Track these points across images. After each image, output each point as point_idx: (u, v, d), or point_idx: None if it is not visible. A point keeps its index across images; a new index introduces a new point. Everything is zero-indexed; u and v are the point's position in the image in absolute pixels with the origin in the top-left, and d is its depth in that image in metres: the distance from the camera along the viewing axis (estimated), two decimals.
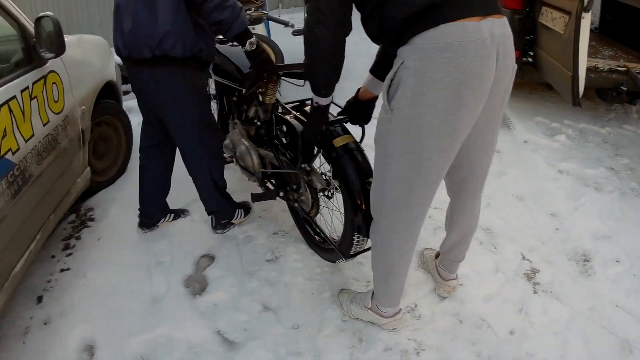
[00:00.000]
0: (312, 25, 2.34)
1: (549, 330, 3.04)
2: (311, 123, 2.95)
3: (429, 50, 2.09)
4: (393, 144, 2.32)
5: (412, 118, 2.21)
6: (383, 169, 2.45)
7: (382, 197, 2.54)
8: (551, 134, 5.48)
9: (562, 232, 3.88)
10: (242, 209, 4.21)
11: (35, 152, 3.25)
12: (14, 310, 3.45)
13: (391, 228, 2.61)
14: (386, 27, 2.24)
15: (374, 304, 3.00)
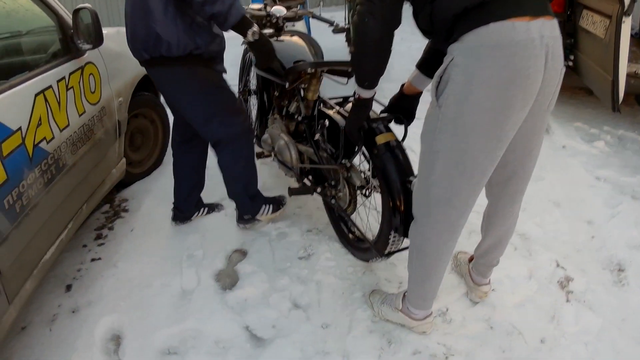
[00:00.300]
0: (362, 14, 2.33)
1: (580, 340, 2.99)
2: (353, 116, 2.93)
3: (479, 49, 2.09)
4: (440, 141, 2.31)
5: (459, 116, 2.20)
6: (429, 166, 2.42)
7: (425, 196, 2.52)
8: (590, 139, 5.41)
9: (598, 240, 3.81)
10: (271, 204, 4.09)
11: (70, 142, 3.28)
12: (42, 297, 3.49)
13: (433, 228, 2.58)
14: (436, 22, 2.24)
15: (405, 306, 2.98)
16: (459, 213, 2.52)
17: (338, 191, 3.63)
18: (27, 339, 3.18)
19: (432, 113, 2.31)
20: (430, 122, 2.34)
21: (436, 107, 2.26)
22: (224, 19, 3.08)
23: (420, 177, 2.53)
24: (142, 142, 5.07)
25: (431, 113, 2.32)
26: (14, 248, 2.68)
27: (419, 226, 2.65)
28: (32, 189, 2.84)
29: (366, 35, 2.40)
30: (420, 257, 2.72)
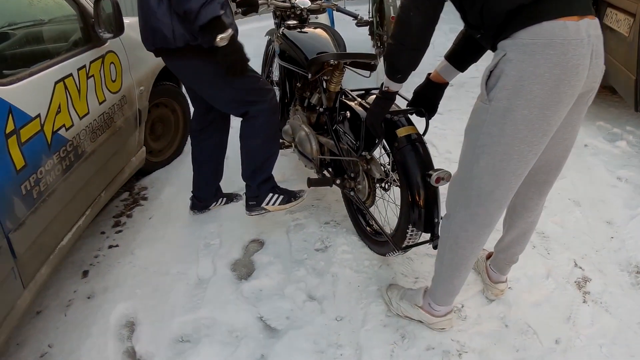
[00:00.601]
0: (408, 8, 2.34)
1: (595, 342, 2.96)
2: (377, 108, 2.91)
3: (533, 46, 2.11)
4: (487, 134, 2.31)
5: (509, 110, 2.21)
6: (472, 159, 2.41)
7: (465, 189, 2.51)
8: (612, 139, 5.36)
9: (617, 241, 3.78)
10: (282, 195, 3.85)
11: (90, 130, 3.30)
12: (58, 283, 3.52)
13: (471, 221, 2.57)
14: (487, 18, 2.24)
15: (427, 302, 2.96)
16: (498, 205, 2.52)
17: (357, 183, 3.62)
18: (42, 324, 3.20)
19: (481, 107, 2.31)
20: (477, 116, 2.34)
21: (486, 100, 2.27)
22: (194, 18, 2.96)
23: (462, 170, 2.52)
24: (163, 131, 5.09)
25: (479, 107, 2.32)
26: (31, 233, 2.70)
27: (456, 220, 2.63)
28: (50, 175, 2.86)
29: (410, 29, 2.41)
30: (453, 252, 2.70)
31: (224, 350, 2.98)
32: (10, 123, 2.54)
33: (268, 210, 3.82)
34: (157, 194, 4.58)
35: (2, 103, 2.51)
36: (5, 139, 2.50)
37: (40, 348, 3.04)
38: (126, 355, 3.00)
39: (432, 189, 2.99)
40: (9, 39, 3.17)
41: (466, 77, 3.92)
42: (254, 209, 3.82)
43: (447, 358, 2.88)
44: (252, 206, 3.83)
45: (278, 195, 3.83)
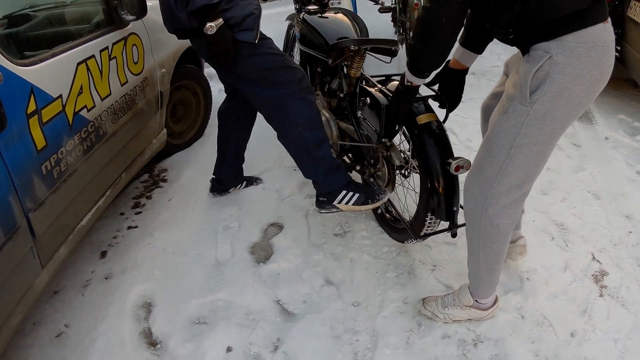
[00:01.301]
0: (434, 13, 2.30)
1: (610, 337, 2.95)
2: (400, 102, 2.86)
3: (578, 49, 2.15)
4: (526, 135, 2.32)
5: (551, 111, 2.25)
6: (505, 160, 2.42)
7: (493, 187, 2.51)
8: (633, 133, 5.31)
9: (635, 236, 3.75)
10: (358, 193, 3.45)
11: (111, 111, 3.32)
12: (76, 263, 3.55)
13: (501, 214, 2.58)
14: (526, 21, 2.23)
15: (474, 299, 2.96)
16: (525, 195, 2.59)
17: (377, 170, 3.62)
18: (59, 304, 3.23)
19: (520, 109, 2.30)
20: (515, 117, 2.33)
21: (527, 103, 2.27)
22: (186, 2, 2.95)
23: (488, 169, 2.50)
24: (184, 114, 5.10)
25: (518, 109, 2.31)
26: (50, 213, 2.72)
27: (485, 218, 2.62)
28: (70, 155, 2.88)
29: (437, 34, 2.37)
30: (487, 248, 2.71)
31: (240, 333, 3.00)
32: (32, 103, 2.56)
33: (340, 209, 3.48)
34: (177, 176, 4.60)
35: (24, 83, 2.53)
36: (27, 119, 2.52)
37: (57, 328, 3.07)
38: (142, 336, 3.02)
39: (451, 177, 2.98)
40: (31, 21, 3.18)
41: (488, 66, 3.94)
42: (325, 206, 3.53)
43: (462, 347, 2.89)
44: (322, 202, 3.54)
45: (353, 192, 3.46)
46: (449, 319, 3.01)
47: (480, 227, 2.65)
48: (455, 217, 3.05)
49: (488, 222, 2.61)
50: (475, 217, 2.64)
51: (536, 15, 2.17)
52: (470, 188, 2.63)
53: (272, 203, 4.12)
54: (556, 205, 4.06)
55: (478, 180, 2.56)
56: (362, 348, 2.91)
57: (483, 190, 2.54)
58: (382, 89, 3.38)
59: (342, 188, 3.46)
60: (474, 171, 2.59)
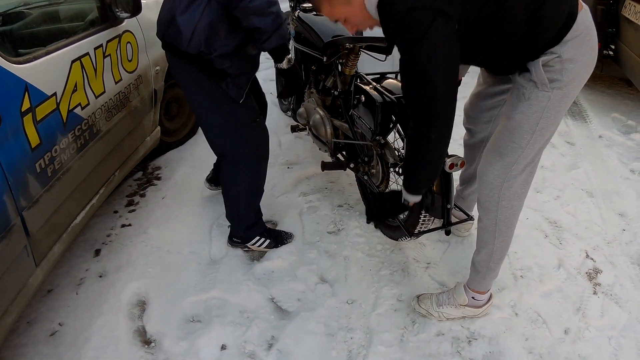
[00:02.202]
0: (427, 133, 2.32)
1: (603, 334, 2.97)
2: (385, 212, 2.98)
3: (577, 40, 2.29)
4: (546, 119, 2.41)
5: (566, 95, 2.39)
6: (525, 145, 2.47)
7: (511, 171, 2.55)
8: (627, 131, 5.33)
9: (629, 234, 3.78)
10: (269, 239, 3.67)
11: (105, 109, 3.32)
12: (70, 261, 3.55)
13: (517, 194, 2.64)
14: (526, 52, 2.33)
15: (470, 297, 2.98)
16: (534, 170, 2.64)
17: (371, 168, 3.60)
18: (53, 302, 3.23)
19: (542, 95, 2.37)
20: (538, 103, 2.39)
21: (547, 90, 2.35)
22: (266, 38, 2.82)
23: (511, 154, 2.52)
24: (178, 112, 5.09)
25: (540, 95, 2.37)
26: (44, 211, 2.71)
27: (503, 200, 2.64)
28: (64, 153, 2.87)
29: (436, 149, 2.41)
30: (504, 231, 2.75)
31: (235, 331, 3.00)
32: (27, 101, 2.55)
33: (251, 249, 3.67)
34: (171, 174, 4.59)
35: (19, 81, 2.52)
36: (21, 117, 2.51)
37: (51, 326, 3.06)
38: (137, 334, 3.02)
39: (445, 175, 2.93)
40: (25, 18, 3.18)
41: None
42: (237, 244, 3.69)
43: (456, 344, 2.90)
44: (235, 242, 3.69)
45: (265, 239, 3.67)
46: (443, 317, 3.02)
47: (497, 212, 2.68)
48: (450, 215, 3.02)
49: (506, 205, 2.65)
50: (492, 203, 2.67)
51: (538, 42, 2.28)
52: (485, 176, 2.65)
53: (266, 201, 4.09)
54: (550, 203, 4.08)
55: (495, 167, 2.58)
56: (357, 345, 2.91)
57: (500, 175, 2.58)
58: (377, 86, 3.35)
59: (257, 235, 3.64)
60: (491, 160, 2.60)
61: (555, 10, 2.21)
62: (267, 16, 2.73)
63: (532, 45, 2.27)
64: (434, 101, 2.21)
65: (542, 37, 2.25)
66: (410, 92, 2.28)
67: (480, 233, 2.83)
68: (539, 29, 2.22)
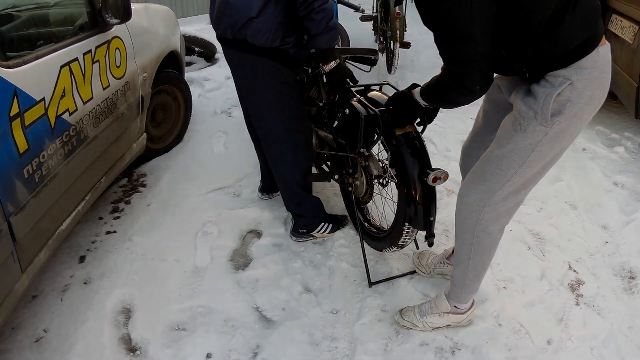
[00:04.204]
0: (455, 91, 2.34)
1: (586, 345, 3.00)
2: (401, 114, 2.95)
3: (594, 72, 2.22)
4: (539, 152, 2.37)
5: (565, 130, 2.32)
6: (512, 174, 2.44)
7: (494, 197, 2.53)
8: (610, 144, 5.38)
9: (611, 246, 3.81)
10: (331, 224, 3.90)
11: (93, 115, 3.31)
12: (55, 267, 3.54)
13: (496, 221, 2.62)
14: (540, 60, 2.25)
15: (452, 305, 2.99)
16: (519, 203, 2.63)
17: (355, 179, 3.60)
18: (38, 308, 3.22)
19: (539, 129, 2.31)
20: (533, 136, 2.34)
21: (546, 124, 2.29)
22: (310, 38, 3.09)
23: (495, 181, 2.51)
24: (164, 119, 5.09)
25: (537, 129, 2.32)
26: (31, 217, 2.71)
27: (480, 226, 2.64)
28: (52, 159, 2.86)
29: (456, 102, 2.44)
30: (479, 253, 2.74)
31: (219, 339, 3.00)
32: (15, 106, 2.54)
33: (315, 237, 3.86)
34: (156, 181, 4.59)
35: (8, 85, 2.51)
36: (10, 122, 2.50)
37: (36, 332, 3.05)
38: (122, 342, 3.02)
39: (429, 187, 2.99)
40: (14, 21, 3.17)
41: None
42: (304, 236, 3.85)
43: (440, 354, 2.91)
44: (301, 233, 3.85)
45: (328, 224, 3.87)
46: (428, 327, 3.02)
47: (473, 234, 2.67)
48: (433, 227, 3.05)
49: (482, 230, 2.64)
50: (469, 225, 2.67)
51: (550, 52, 2.20)
52: (466, 197, 2.64)
53: (250, 210, 4.13)
54: (533, 215, 4.11)
55: (477, 190, 2.57)
56: (341, 355, 2.92)
57: (482, 199, 2.56)
58: (361, 99, 3.34)
59: (322, 221, 3.85)
60: (474, 182, 2.59)
61: (577, 24, 2.16)
62: (311, 21, 3.01)
63: (544, 50, 2.20)
64: (473, 61, 2.20)
65: (556, 46, 2.18)
66: (448, 48, 2.27)
67: (457, 250, 2.84)
68: (557, 34, 2.17)
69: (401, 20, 6.63)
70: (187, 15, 10.31)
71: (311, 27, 3.01)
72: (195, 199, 4.31)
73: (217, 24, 3.27)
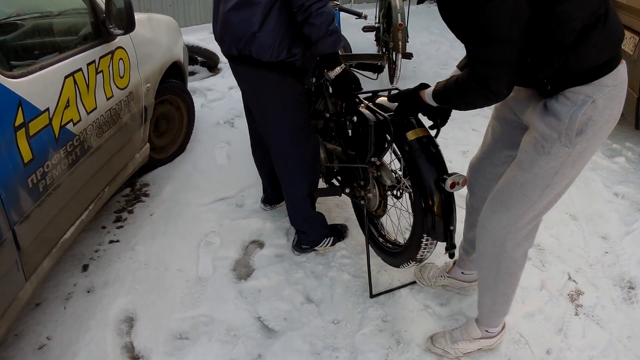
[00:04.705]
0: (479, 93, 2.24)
1: (585, 355, 3.01)
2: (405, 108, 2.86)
3: (614, 90, 2.19)
4: (563, 174, 2.34)
5: (586, 150, 2.28)
6: (537, 198, 2.41)
7: (519, 222, 2.49)
8: (611, 155, 5.39)
9: (611, 256, 3.82)
10: (333, 237, 3.86)
11: (96, 125, 3.34)
12: (58, 276, 3.55)
13: (520, 246, 2.58)
14: (565, 73, 2.21)
15: (483, 330, 2.95)
16: (539, 223, 2.58)
17: (367, 192, 3.45)
18: (41, 316, 3.24)
19: (563, 150, 2.27)
20: (557, 158, 2.30)
21: (570, 145, 2.25)
22: (312, 44, 2.99)
23: (519, 207, 2.47)
24: (167, 129, 5.11)
25: (561, 150, 2.28)
26: (35, 226, 2.73)
27: (504, 252, 2.60)
28: (56, 169, 2.89)
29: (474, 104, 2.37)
30: (506, 280, 2.70)
31: (221, 349, 3.02)
32: (20, 116, 2.57)
33: (318, 251, 3.84)
34: (159, 191, 4.61)
35: (13, 96, 2.54)
36: (15, 132, 2.53)
37: (39, 340, 3.07)
38: (124, 350, 3.04)
39: (447, 194, 2.83)
40: (18, 30, 3.20)
41: None
42: (306, 251, 3.83)
43: None
44: (304, 249, 3.82)
45: (330, 237, 3.84)
46: (460, 353, 2.98)
47: (499, 263, 2.63)
48: (453, 237, 2.90)
49: (507, 257, 2.60)
50: (494, 253, 2.62)
51: (576, 67, 2.17)
52: (489, 227, 2.59)
53: (253, 220, 4.14)
54: None
55: (500, 219, 2.53)
56: None
57: (505, 227, 2.52)
58: (370, 105, 3.21)
59: (325, 236, 3.82)
60: (496, 211, 2.55)
61: (603, 42, 2.14)
62: (310, 26, 2.90)
63: (571, 64, 2.15)
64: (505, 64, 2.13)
65: (583, 61, 2.15)
66: (480, 48, 2.14)
67: (482, 278, 2.79)
68: (584, 49, 2.13)
69: (403, 31, 6.64)
70: (189, 25, 10.32)
71: (311, 32, 2.91)
72: (198, 209, 4.33)
73: (221, 41, 3.24)
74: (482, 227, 2.64)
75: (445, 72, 7.64)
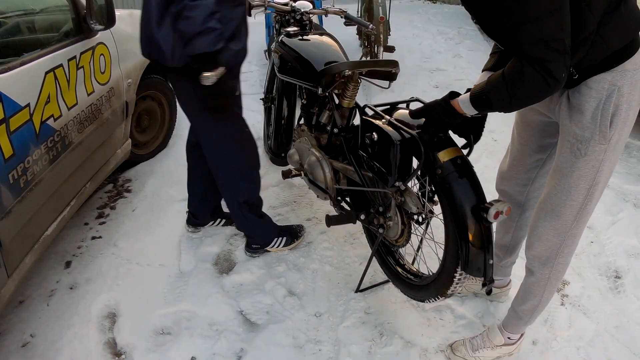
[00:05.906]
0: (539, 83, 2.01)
1: (572, 345, 3.02)
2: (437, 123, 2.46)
3: (637, 75, 2.13)
4: (602, 171, 2.29)
5: (620, 140, 2.24)
6: (583, 200, 2.36)
7: (572, 227, 2.46)
8: None
9: (597, 246, 3.84)
10: (286, 237, 3.77)
11: (77, 121, 3.33)
12: (41, 272, 3.55)
13: (570, 252, 2.57)
14: (589, 60, 2.13)
15: (506, 337, 2.91)
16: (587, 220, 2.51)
17: (388, 219, 3.01)
18: (25, 313, 3.23)
19: (599, 148, 2.22)
20: (595, 157, 2.25)
21: (605, 141, 2.21)
22: (186, 41, 2.65)
23: (569, 212, 2.41)
24: (149, 124, 5.10)
25: (597, 148, 2.22)
26: (17, 222, 2.72)
27: (561, 257, 2.56)
28: (37, 165, 2.88)
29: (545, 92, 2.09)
30: (554, 285, 2.67)
31: (204, 343, 3.02)
32: (0, 111, 2.56)
33: (270, 252, 3.77)
34: (141, 187, 4.61)
35: None
36: None
37: (22, 337, 3.07)
38: (107, 346, 3.03)
39: (486, 225, 2.46)
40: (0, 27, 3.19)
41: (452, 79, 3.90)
42: (258, 251, 3.76)
43: (424, 355, 2.94)
44: (255, 249, 3.76)
45: (282, 237, 3.77)
46: None
47: (552, 269, 2.59)
48: (492, 272, 2.53)
49: (561, 262, 2.57)
50: (549, 260, 2.57)
51: (600, 52, 2.11)
52: (544, 235, 2.51)
53: None
54: None
55: (554, 226, 2.46)
56: (325, 357, 2.94)
57: (560, 233, 2.47)
58: (391, 120, 2.71)
59: (275, 236, 3.76)
60: (548, 219, 2.47)
61: (624, 24, 2.10)
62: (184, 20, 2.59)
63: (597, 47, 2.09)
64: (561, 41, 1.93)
65: (607, 45, 2.08)
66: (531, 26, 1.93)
67: (530, 286, 2.72)
68: (607, 31, 2.07)
69: (385, 25, 6.65)
70: None
71: (184, 27, 2.59)
72: (180, 204, 4.31)
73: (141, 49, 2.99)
74: (537, 236, 2.54)
75: (427, 65, 7.68)
